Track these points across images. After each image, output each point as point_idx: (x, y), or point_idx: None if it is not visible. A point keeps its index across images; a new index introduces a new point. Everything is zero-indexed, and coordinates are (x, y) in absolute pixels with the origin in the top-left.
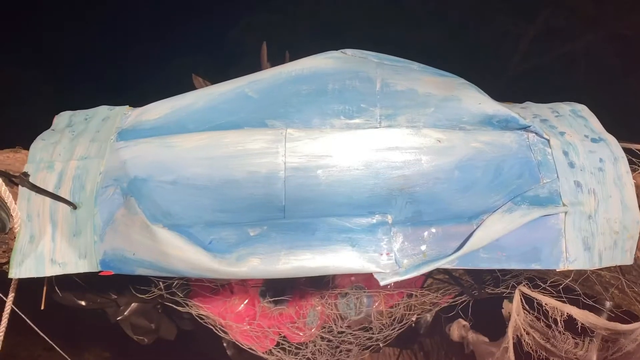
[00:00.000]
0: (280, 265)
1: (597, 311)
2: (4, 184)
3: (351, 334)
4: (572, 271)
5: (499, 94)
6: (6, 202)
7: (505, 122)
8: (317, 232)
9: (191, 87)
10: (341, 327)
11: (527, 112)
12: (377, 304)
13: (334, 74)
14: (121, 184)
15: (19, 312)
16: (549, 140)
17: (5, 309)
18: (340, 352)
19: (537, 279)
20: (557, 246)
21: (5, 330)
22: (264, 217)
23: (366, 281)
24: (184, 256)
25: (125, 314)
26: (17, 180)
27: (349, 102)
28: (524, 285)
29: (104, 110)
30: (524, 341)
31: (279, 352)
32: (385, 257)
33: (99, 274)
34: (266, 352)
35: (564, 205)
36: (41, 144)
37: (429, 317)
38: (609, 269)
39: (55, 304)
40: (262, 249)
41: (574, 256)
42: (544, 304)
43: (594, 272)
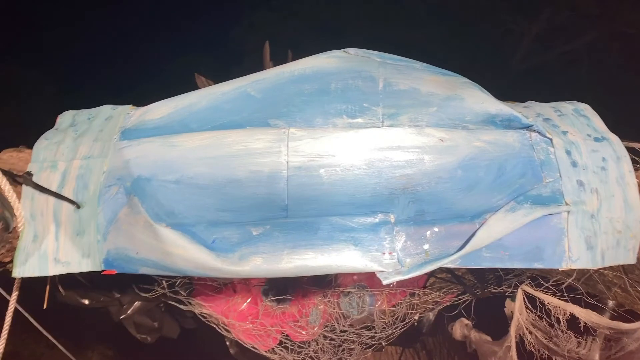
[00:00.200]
0: (283, 264)
1: (599, 310)
2: (7, 183)
3: (354, 332)
4: (574, 270)
5: (502, 93)
6: (10, 202)
7: (508, 121)
8: (319, 231)
9: (194, 86)
10: (344, 325)
11: (530, 111)
12: (379, 303)
13: (337, 73)
14: (124, 183)
15: (23, 310)
16: (551, 139)
17: (9, 308)
18: (342, 350)
19: (539, 278)
20: (559, 245)
21: (9, 328)
22: (267, 217)
23: (369, 280)
24: (187, 255)
25: (128, 312)
26: (20, 179)
27: (352, 101)
28: (527, 284)
29: (107, 109)
30: (527, 340)
31: (281, 350)
32: (387, 256)
33: (102, 273)
34: (269, 350)
35: (567, 204)
36: (45, 144)
37: (431, 316)
38: (611, 268)
39: (58, 302)
40: (265, 248)
41: (576, 255)
42: (546, 303)
43: (596, 271)
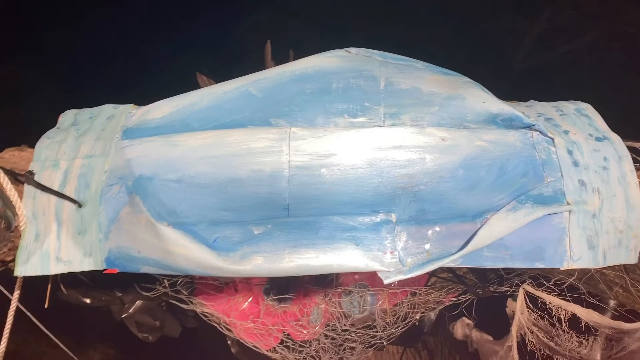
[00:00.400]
0: (284, 263)
1: (601, 310)
2: (9, 182)
3: (355, 332)
4: (576, 270)
5: (503, 93)
6: (12, 201)
7: (509, 120)
8: (321, 230)
9: (195, 85)
10: (345, 325)
11: (532, 110)
12: (381, 303)
13: (338, 72)
14: (126, 182)
15: (25, 309)
16: (553, 139)
17: (10, 307)
18: (344, 350)
19: (541, 277)
20: (561, 245)
21: (10, 327)
22: (268, 216)
23: (370, 279)
24: (189, 254)
25: (130, 311)
26: (22, 178)
27: (353, 100)
28: (528, 284)
29: (108, 108)
30: (528, 340)
31: (282, 349)
32: (389, 256)
33: (104, 272)
34: (270, 349)
35: (568, 204)
36: (46, 143)
37: (432, 315)
38: (613, 268)
39: (60, 301)
40: (266, 247)
41: (578, 255)
42: (548, 303)
43: (598, 271)
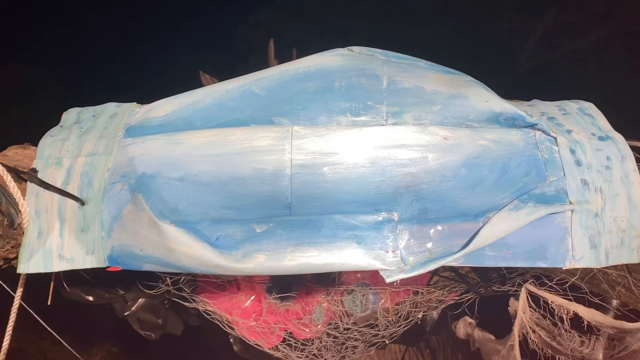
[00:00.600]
0: (286, 261)
1: (603, 309)
2: (12, 180)
3: (357, 330)
4: (578, 269)
5: (506, 92)
6: (15, 198)
7: (512, 119)
8: (323, 229)
9: (198, 84)
10: (347, 323)
11: (534, 110)
12: (383, 301)
13: (341, 71)
14: (129, 180)
15: (27, 307)
16: (555, 138)
17: (13, 304)
18: (346, 348)
19: (543, 277)
20: (563, 244)
21: (13, 325)
22: (270, 214)
23: (372, 278)
24: (191, 252)
25: (132, 309)
26: (25, 176)
27: (356, 99)
28: (530, 283)
29: (111, 107)
30: (530, 339)
31: (285, 348)
32: (391, 255)
33: (107, 269)
34: (272, 348)
35: (571, 203)
36: (49, 141)
37: (435, 314)
38: (615, 267)
39: (63, 299)
40: (268, 245)
41: (580, 254)
42: (550, 302)
43: (600, 270)
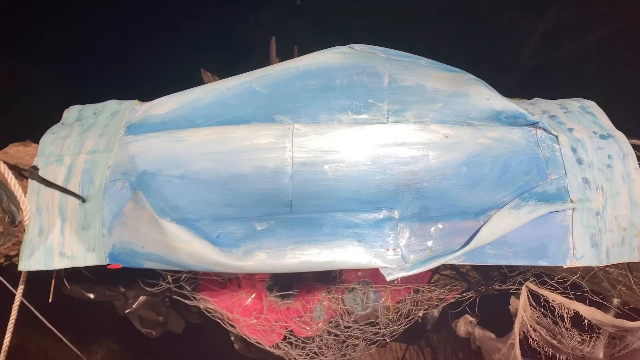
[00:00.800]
0: (286, 259)
1: (604, 308)
2: (14, 177)
3: (358, 328)
4: (579, 268)
5: (508, 90)
6: (16, 196)
7: (513, 118)
8: (323, 227)
9: (200, 82)
10: (348, 321)
11: (536, 108)
12: (383, 299)
13: (342, 69)
14: (130, 177)
15: (28, 304)
16: (557, 136)
17: (14, 302)
18: (346, 346)
19: (544, 275)
20: (564, 243)
21: (14, 322)
22: (271, 212)
23: (373, 276)
24: (192, 250)
25: (133, 307)
26: (26, 173)
27: (357, 97)
28: (531, 281)
29: (113, 104)
30: (531, 337)
31: (285, 346)
32: (391, 253)
33: (107, 267)
34: (273, 346)
35: (572, 201)
36: (51, 138)
37: (435, 312)
38: (616, 266)
39: (64, 296)
40: (269, 243)
41: (581, 253)
42: (551, 301)
43: (601, 269)
